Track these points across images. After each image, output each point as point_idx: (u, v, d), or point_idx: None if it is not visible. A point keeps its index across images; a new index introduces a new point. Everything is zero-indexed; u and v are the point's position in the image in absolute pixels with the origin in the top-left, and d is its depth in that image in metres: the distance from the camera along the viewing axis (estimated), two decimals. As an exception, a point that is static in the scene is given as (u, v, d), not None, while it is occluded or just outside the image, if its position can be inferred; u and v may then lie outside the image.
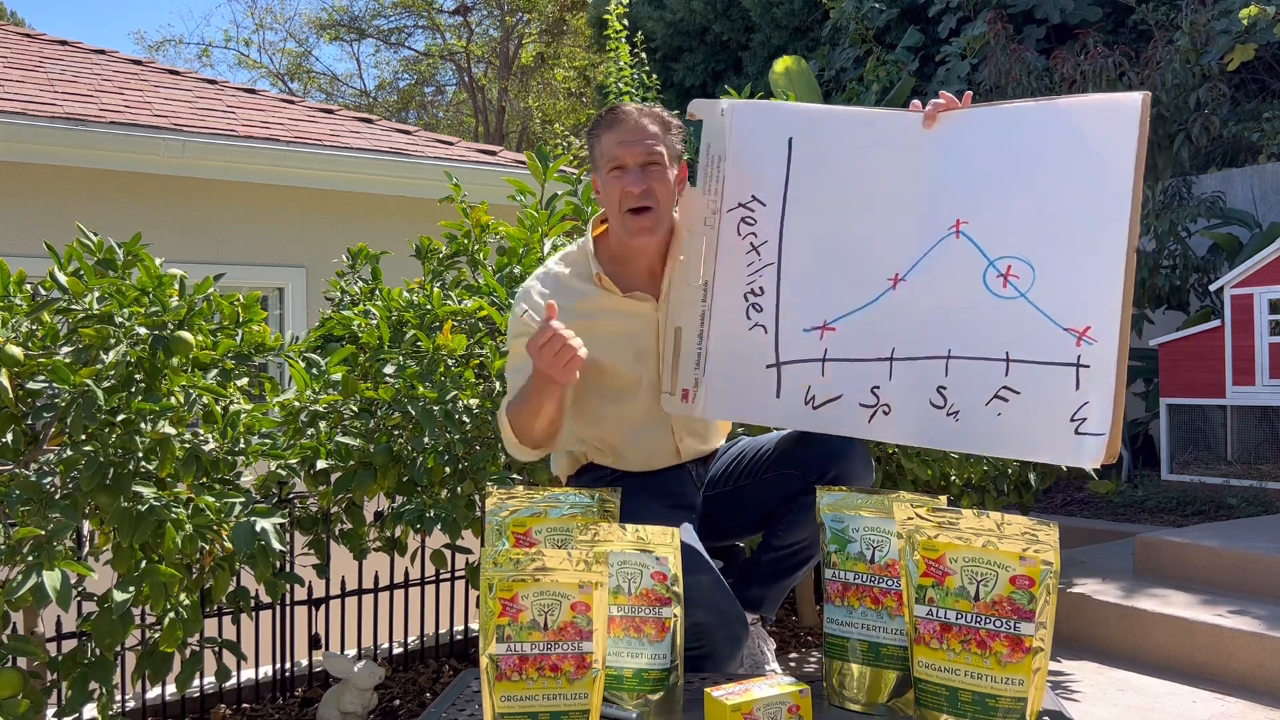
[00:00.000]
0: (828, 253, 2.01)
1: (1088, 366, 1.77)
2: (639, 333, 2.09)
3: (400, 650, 3.19)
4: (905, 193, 1.95)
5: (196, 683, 2.72)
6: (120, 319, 2.04)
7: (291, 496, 2.62)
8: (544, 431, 1.98)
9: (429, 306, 2.58)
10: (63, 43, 7.66)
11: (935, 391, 1.89)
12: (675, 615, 1.60)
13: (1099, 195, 1.78)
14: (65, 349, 2.05)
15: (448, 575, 3.26)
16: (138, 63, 7.57)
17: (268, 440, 2.24)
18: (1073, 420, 1.77)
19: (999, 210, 1.87)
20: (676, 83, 12.41)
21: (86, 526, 2.22)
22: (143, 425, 2.01)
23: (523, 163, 6.88)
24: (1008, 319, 1.84)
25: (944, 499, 1.58)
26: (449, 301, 2.60)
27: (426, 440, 2.30)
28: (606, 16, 7.89)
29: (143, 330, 2.04)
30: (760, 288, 2.05)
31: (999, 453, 1.92)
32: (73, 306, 2.04)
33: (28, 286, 2.10)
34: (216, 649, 2.29)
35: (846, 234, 2.00)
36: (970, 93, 1.97)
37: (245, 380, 2.26)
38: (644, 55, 8.10)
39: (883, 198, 1.97)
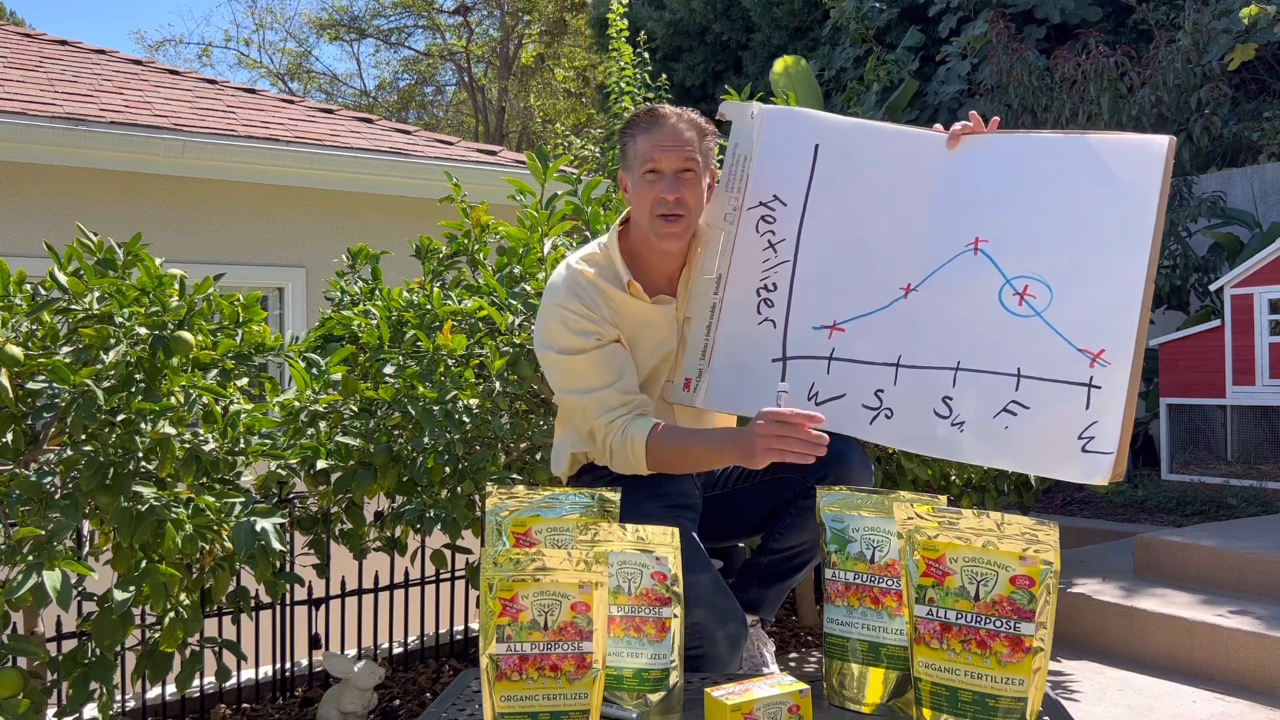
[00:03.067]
0: (843, 256, 2.06)
1: (1099, 388, 1.81)
2: (667, 338, 2.10)
3: (400, 650, 3.19)
4: (924, 207, 1.99)
5: (196, 683, 2.72)
6: (120, 319, 2.04)
7: (291, 496, 2.62)
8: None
9: (429, 306, 2.58)
10: (63, 43, 7.66)
11: (940, 401, 1.92)
12: (675, 615, 1.60)
13: (1122, 226, 1.84)
14: (65, 349, 2.05)
15: (448, 575, 3.26)
16: (138, 63, 7.57)
17: (268, 440, 2.24)
18: (1080, 438, 1.81)
19: (1020, 232, 1.91)
20: (677, 83, 12.41)
21: (86, 526, 2.22)
22: (143, 425, 2.01)
23: (523, 163, 6.88)
24: (1021, 336, 1.87)
25: (944, 499, 1.58)
26: (449, 301, 2.59)
27: (426, 440, 2.30)
28: (609, 16, 7.88)
29: (143, 330, 2.04)
30: (774, 284, 2.09)
31: (1003, 465, 1.94)
32: (73, 306, 2.04)
33: (28, 286, 2.10)
34: (216, 649, 2.29)
35: (863, 240, 2.05)
36: (997, 119, 2.03)
37: (245, 380, 2.26)
38: (646, 55, 8.10)
39: (902, 209, 2.02)
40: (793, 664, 3.03)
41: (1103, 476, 1.78)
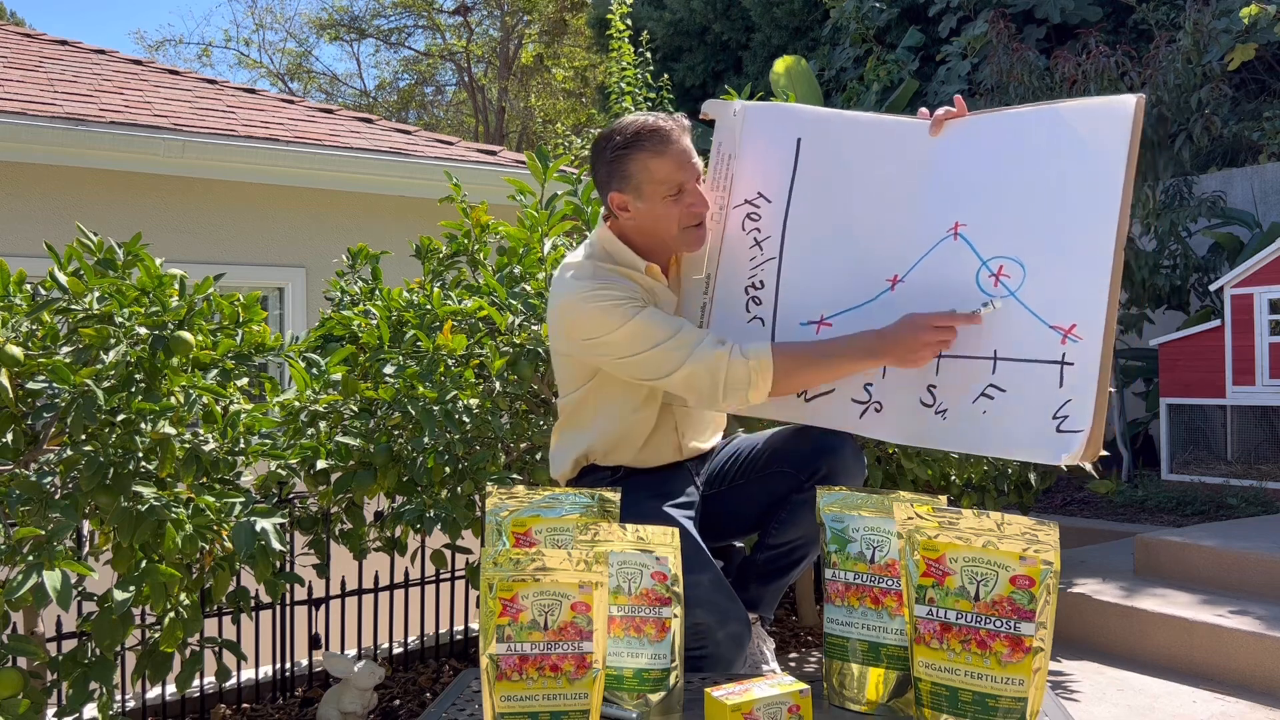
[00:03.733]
0: (828, 251, 2.04)
1: (1071, 364, 1.78)
2: None
3: (400, 650, 3.20)
4: (909, 196, 1.97)
5: (196, 683, 2.72)
6: (120, 319, 2.04)
7: (291, 496, 2.62)
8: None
9: (429, 306, 2.58)
10: (63, 43, 7.66)
11: (925, 390, 1.91)
12: (675, 615, 1.60)
13: (1090, 195, 1.80)
14: (65, 349, 2.05)
15: (448, 575, 3.26)
16: (138, 63, 7.57)
17: (268, 440, 2.24)
18: (1055, 418, 1.79)
19: (993, 212, 1.89)
20: (677, 83, 12.41)
21: (86, 526, 2.22)
22: (143, 425, 2.01)
23: (523, 163, 6.88)
24: (997, 318, 1.86)
25: (944, 499, 1.58)
26: (449, 301, 2.59)
27: (426, 440, 2.30)
28: (609, 17, 7.89)
29: (143, 330, 2.04)
30: (761, 281, 2.08)
31: (983, 451, 1.93)
32: (73, 306, 2.04)
33: (28, 286, 2.10)
34: (216, 649, 2.29)
35: (848, 234, 2.03)
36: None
37: (245, 380, 2.26)
38: (648, 55, 8.11)
39: (886, 200, 1.99)
40: (793, 664, 3.03)
41: (1071, 455, 1.75)
